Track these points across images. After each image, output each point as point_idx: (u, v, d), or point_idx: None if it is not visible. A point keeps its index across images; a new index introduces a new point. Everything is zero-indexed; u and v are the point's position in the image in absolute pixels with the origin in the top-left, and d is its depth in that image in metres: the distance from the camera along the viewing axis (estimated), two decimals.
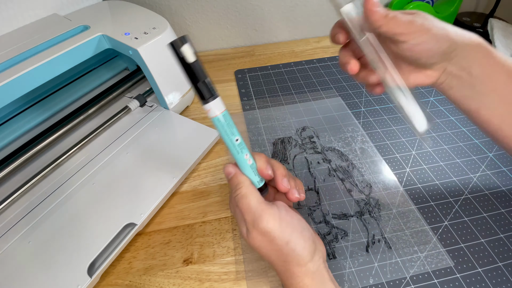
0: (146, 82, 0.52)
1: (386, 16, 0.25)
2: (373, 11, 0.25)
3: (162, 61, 0.42)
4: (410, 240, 0.33)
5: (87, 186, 0.36)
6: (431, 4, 0.66)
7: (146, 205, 0.34)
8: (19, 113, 0.43)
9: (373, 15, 0.25)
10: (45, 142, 0.40)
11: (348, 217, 0.35)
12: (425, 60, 0.27)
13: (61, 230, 0.32)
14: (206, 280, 0.31)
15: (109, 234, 0.31)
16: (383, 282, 0.30)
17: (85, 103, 0.46)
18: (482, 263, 0.31)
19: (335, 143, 0.44)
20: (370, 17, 0.25)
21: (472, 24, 0.67)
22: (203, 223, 0.36)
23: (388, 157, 0.42)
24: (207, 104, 0.23)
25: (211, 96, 0.23)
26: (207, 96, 0.23)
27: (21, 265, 0.29)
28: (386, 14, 0.25)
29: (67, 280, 0.28)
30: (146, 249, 0.33)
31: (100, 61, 0.52)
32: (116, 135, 0.42)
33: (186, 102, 0.50)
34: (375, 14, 0.25)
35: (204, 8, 0.61)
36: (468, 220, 0.35)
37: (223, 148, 0.44)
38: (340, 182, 0.39)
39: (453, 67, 0.27)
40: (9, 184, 0.37)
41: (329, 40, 0.30)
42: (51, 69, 0.36)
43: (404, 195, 0.37)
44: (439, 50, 0.26)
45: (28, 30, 0.40)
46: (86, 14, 0.45)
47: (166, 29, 0.42)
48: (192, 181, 0.40)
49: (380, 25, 0.25)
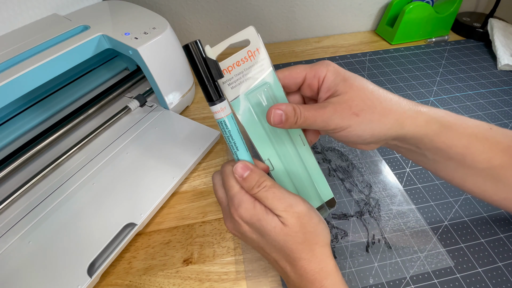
0: (146, 82, 0.52)
1: (295, 122, 0.23)
2: (280, 127, 0.23)
3: (162, 61, 0.42)
4: (410, 240, 0.33)
5: (87, 186, 0.36)
6: (431, 4, 0.66)
7: (146, 205, 0.34)
8: (19, 113, 0.43)
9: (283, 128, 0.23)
10: (45, 142, 0.40)
11: (348, 217, 0.35)
12: (357, 143, 0.25)
13: (61, 230, 0.32)
14: (206, 280, 0.31)
15: (109, 234, 0.31)
16: (383, 282, 0.30)
17: (85, 103, 0.46)
18: (482, 263, 0.31)
19: (335, 143, 0.44)
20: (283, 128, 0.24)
21: (472, 24, 0.67)
22: (203, 223, 0.36)
23: (388, 157, 0.42)
24: (215, 106, 0.23)
25: (220, 97, 0.23)
26: (215, 98, 0.23)
27: (21, 265, 0.29)
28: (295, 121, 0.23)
29: (67, 280, 0.28)
30: (146, 249, 0.33)
31: (100, 61, 0.52)
32: (116, 135, 0.42)
33: (186, 102, 0.50)
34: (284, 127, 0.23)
35: (204, 8, 0.61)
36: (468, 220, 0.35)
37: (223, 148, 0.44)
38: (340, 182, 0.39)
39: (395, 142, 0.26)
40: (9, 184, 0.37)
41: None
42: (51, 69, 0.36)
43: (404, 195, 0.37)
44: (365, 142, 0.24)
45: (28, 30, 0.40)
46: (86, 14, 0.45)
47: (166, 29, 0.42)
48: (192, 181, 0.40)
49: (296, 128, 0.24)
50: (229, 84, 0.24)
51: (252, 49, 0.24)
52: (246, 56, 0.24)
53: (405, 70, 0.58)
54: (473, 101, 0.50)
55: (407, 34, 0.65)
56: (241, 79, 0.24)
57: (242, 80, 0.24)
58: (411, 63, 0.60)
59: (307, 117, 0.23)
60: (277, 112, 0.23)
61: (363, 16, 0.69)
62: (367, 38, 0.69)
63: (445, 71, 0.57)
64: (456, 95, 0.52)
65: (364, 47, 0.66)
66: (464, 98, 0.51)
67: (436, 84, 0.54)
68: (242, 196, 0.24)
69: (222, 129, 0.24)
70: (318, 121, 0.23)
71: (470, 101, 0.50)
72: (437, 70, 0.57)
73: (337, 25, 0.70)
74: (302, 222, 0.23)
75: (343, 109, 0.23)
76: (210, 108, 0.23)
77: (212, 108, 0.23)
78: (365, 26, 0.72)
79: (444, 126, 0.24)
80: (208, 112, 0.50)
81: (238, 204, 0.24)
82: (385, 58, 0.62)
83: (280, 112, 0.23)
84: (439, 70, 0.57)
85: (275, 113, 0.23)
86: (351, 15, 0.69)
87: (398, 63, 0.60)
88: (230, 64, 0.23)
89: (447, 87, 0.53)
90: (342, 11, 0.67)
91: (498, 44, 0.60)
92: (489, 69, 0.57)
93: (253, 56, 0.24)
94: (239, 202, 0.24)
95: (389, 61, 0.61)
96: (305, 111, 0.23)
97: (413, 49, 0.64)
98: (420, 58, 0.61)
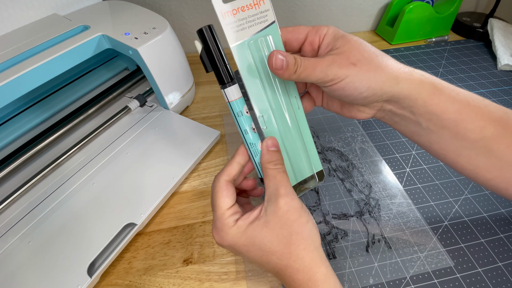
0: (146, 82, 0.52)
1: (295, 72, 0.23)
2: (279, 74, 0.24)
3: (162, 61, 0.42)
4: (410, 240, 0.33)
5: (87, 186, 0.36)
6: (431, 4, 0.66)
7: (146, 205, 0.34)
8: (19, 113, 0.43)
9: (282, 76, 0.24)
10: (45, 142, 0.40)
11: (348, 217, 0.35)
12: (350, 101, 0.26)
13: (61, 230, 0.32)
14: (206, 280, 0.31)
15: (109, 234, 0.31)
16: (383, 282, 0.30)
17: (85, 103, 0.46)
18: (482, 263, 0.31)
19: (335, 143, 0.44)
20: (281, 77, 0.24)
21: (472, 24, 0.67)
22: (203, 223, 0.36)
23: (388, 157, 0.42)
24: (228, 89, 0.24)
25: (232, 80, 0.24)
26: (227, 81, 0.24)
27: (21, 265, 0.29)
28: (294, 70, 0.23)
29: (67, 280, 0.28)
30: (146, 249, 0.33)
31: (100, 61, 0.52)
32: (116, 135, 0.42)
33: (186, 102, 0.50)
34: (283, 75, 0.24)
35: (204, 8, 0.61)
36: (468, 220, 0.35)
37: (223, 148, 0.44)
38: (340, 182, 0.39)
39: (391, 106, 0.26)
40: (9, 184, 0.37)
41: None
42: (51, 69, 0.36)
43: (404, 195, 0.37)
44: (361, 96, 0.25)
45: (28, 30, 0.40)
46: (86, 14, 0.45)
47: (166, 29, 0.42)
48: (192, 181, 0.40)
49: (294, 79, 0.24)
50: (231, 28, 0.24)
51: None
52: (251, 3, 0.24)
53: None
54: None
55: (407, 34, 0.65)
56: (244, 25, 0.24)
57: (245, 27, 0.24)
58: (411, 63, 0.60)
59: (307, 66, 0.23)
60: (279, 57, 0.23)
61: (363, 16, 0.69)
62: (367, 38, 0.69)
63: (445, 71, 0.57)
64: None
65: None
66: None
67: None
68: (226, 219, 0.24)
69: (233, 111, 0.25)
70: (317, 71, 0.23)
71: None
72: (437, 70, 0.57)
73: (337, 25, 0.70)
74: (291, 217, 0.23)
75: (341, 59, 0.24)
76: (222, 91, 0.24)
77: (224, 91, 0.24)
78: (365, 26, 0.72)
79: (437, 89, 0.24)
80: (208, 112, 0.50)
81: (220, 227, 0.24)
82: None
83: (282, 57, 0.23)
84: (439, 70, 0.57)
85: (277, 57, 0.23)
86: (351, 15, 0.69)
87: None
88: (234, 7, 0.23)
89: None
90: (342, 11, 0.68)
91: (498, 44, 0.60)
92: (489, 69, 0.57)
93: (258, 5, 0.24)
94: (222, 226, 0.24)
95: None
96: (305, 60, 0.23)
97: (413, 49, 0.64)
98: (420, 58, 0.61)
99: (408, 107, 0.25)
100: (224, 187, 0.25)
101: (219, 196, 0.24)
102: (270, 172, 0.24)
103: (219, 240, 0.24)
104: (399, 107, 0.26)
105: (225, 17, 0.23)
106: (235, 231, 0.24)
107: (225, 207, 0.24)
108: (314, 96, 0.30)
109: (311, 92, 0.30)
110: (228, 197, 0.25)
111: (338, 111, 0.29)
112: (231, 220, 0.24)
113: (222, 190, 0.25)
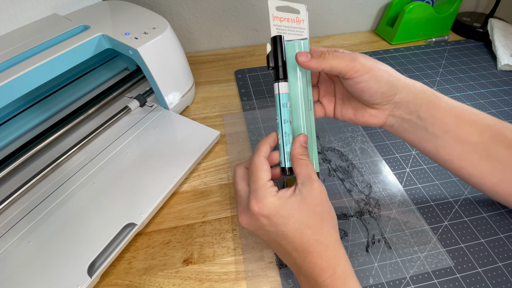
0: (146, 82, 0.52)
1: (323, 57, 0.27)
2: (306, 64, 0.28)
3: (162, 61, 0.42)
4: (410, 240, 0.33)
5: (87, 186, 0.36)
6: (431, 4, 0.66)
7: (146, 205, 0.34)
8: (19, 113, 0.43)
9: (309, 67, 0.28)
10: (45, 142, 0.40)
11: (348, 217, 0.35)
12: (368, 98, 0.28)
13: (61, 230, 0.32)
14: (206, 280, 0.31)
15: (109, 234, 0.31)
16: (383, 282, 0.30)
17: (85, 103, 0.46)
18: (482, 263, 0.31)
19: (335, 143, 0.44)
20: (308, 68, 0.28)
21: (472, 24, 0.67)
22: (203, 223, 0.36)
23: (388, 157, 0.42)
24: (281, 83, 0.29)
25: (284, 78, 0.29)
26: (281, 77, 0.29)
27: (21, 265, 0.29)
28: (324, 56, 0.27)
29: (67, 280, 0.28)
30: (146, 249, 0.33)
31: (100, 61, 0.52)
32: (116, 135, 0.42)
33: (186, 102, 0.50)
34: (310, 65, 0.27)
35: (204, 8, 0.61)
36: (468, 220, 0.35)
37: (223, 148, 0.44)
38: (340, 182, 0.39)
39: (400, 110, 0.29)
40: (9, 184, 0.37)
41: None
42: (51, 69, 0.36)
43: (404, 195, 0.37)
44: (380, 91, 0.27)
45: (28, 30, 0.40)
46: (86, 14, 0.45)
47: (166, 29, 0.42)
48: (192, 181, 0.40)
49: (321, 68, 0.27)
50: (276, 27, 0.30)
51: (300, 17, 0.31)
52: (294, 19, 0.31)
53: (405, 70, 0.58)
54: (473, 101, 0.50)
55: (407, 34, 0.65)
56: (285, 31, 0.31)
57: (285, 32, 0.31)
58: (411, 63, 0.60)
59: (336, 54, 0.27)
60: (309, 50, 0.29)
61: (363, 16, 0.69)
62: (367, 38, 0.69)
63: (445, 71, 0.57)
64: (456, 95, 0.52)
65: (364, 47, 0.66)
66: (464, 98, 0.51)
67: (436, 84, 0.54)
68: (268, 189, 0.26)
69: (280, 102, 0.29)
70: (345, 58, 0.27)
71: (470, 101, 0.50)
72: (437, 70, 0.57)
73: (337, 25, 0.70)
74: (323, 198, 0.26)
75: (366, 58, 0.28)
76: (276, 85, 0.29)
77: (278, 84, 0.29)
78: (365, 26, 0.72)
79: (436, 96, 0.28)
80: (208, 112, 0.50)
81: (262, 196, 0.25)
82: (385, 58, 0.62)
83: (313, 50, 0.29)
84: (439, 70, 0.57)
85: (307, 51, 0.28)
86: (351, 15, 0.69)
87: (398, 63, 0.60)
88: (282, 16, 0.30)
89: (447, 87, 0.53)
90: (342, 11, 0.68)
91: (498, 44, 0.60)
92: (489, 69, 0.57)
93: (299, 22, 0.31)
94: (264, 194, 0.25)
95: (389, 61, 0.61)
96: (334, 51, 0.28)
97: (413, 49, 0.64)
98: (420, 58, 0.61)
99: (415, 111, 0.28)
100: (264, 161, 0.27)
101: (260, 169, 0.27)
102: (303, 162, 0.27)
103: (259, 209, 0.25)
104: (408, 111, 0.28)
105: (275, 20, 0.30)
106: (277, 201, 0.25)
107: (266, 178, 0.26)
108: (325, 105, 0.33)
109: (323, 101, 0.33)
110: (268, 171, 0.27)
111: (352, 117, 0.32)
112: (273, 190, 0.26)
113: (262, 164, 0.27)
